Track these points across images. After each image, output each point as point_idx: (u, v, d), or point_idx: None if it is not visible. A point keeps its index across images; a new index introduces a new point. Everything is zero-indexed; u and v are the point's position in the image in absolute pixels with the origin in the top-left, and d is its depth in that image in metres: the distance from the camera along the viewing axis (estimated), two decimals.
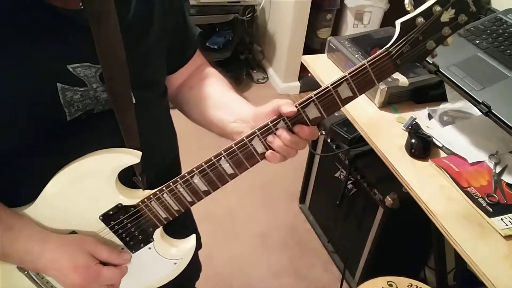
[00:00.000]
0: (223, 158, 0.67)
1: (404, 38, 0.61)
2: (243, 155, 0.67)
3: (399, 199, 1.42)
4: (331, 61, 1.48)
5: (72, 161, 0.65)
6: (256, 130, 0.66)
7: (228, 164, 0.67)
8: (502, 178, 1.06)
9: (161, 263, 0.77)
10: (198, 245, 0.86)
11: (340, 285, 1.79)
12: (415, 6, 0.62)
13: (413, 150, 1.12)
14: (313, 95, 0.63)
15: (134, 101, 0.70)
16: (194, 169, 0.67)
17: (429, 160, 1.11)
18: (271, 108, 0.67)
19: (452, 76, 1.07)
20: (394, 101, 1.29)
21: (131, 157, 0.67)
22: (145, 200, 0.70)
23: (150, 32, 0.71)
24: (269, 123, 0.65)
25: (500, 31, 1.17)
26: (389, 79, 1.26)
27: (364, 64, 0.62)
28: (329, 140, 1.74)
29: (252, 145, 0.67)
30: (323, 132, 1.77)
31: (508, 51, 1.11)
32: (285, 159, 0.70)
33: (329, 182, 1.84)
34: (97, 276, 0.68)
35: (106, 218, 0.70)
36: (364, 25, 2.87)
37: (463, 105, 1.25)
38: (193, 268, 1.10)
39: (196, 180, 0.68)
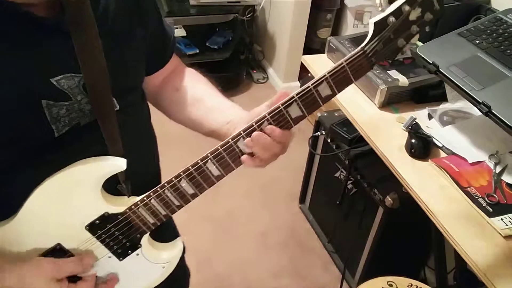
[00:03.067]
0: (209, 160, 0.67)
1: (378, 37, 0.64)
2: (230, 157, 0.68)
3: (399, 199, 1.42)
4: (331, 61, 1.48)
5: (56, 172, 0.64)
6: (241, 132, 0.66)
7: (214, 167, 0.68)
8: (502, 178, 1.06)
9: (149, 268, 0.77)
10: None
11: (340, 285, 1.79)
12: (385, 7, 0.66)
13: (413, 150, 1.12)
14: (295, 95, 0.66)
15: (117, 107, 0.70)
16: (181, 173, 0.67)
17: (429, 160, 1.11)
18: (264, 107, 0.68)
19: (452, 76, 1.07)
20: (394, 101, 1.29)
21: (116, 164, 0.66)
22: (133, 207, 0.70)
23: (130, 37, 0.71)
24: (253, 123, 0.66)
25: (500, 31, 1.16)
26: (389, 79, 1.26)
27: (342, 63, 0.64)
28: (329, 140, 1.74)
29: (238, 146, 0.67)
30: (323, 132, 1.78)
31: (508, 51, 1.11)
32: (262, 163, 0.70)
33: (329, 182, 1.84)
34: None
35: (93, 227, 0.69)
36: (364, 25, 2.86)
37: (463, 105, 1.26)
38: (180, 273, 1.08)
39: (184, 184, 0.68)
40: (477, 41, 1.15)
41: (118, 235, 0.71)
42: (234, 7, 2.79)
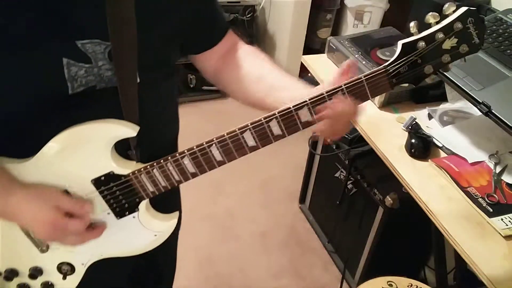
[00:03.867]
0: (214, 145, 0.69)
1: (404, 59, 0.63)
2: (234, 146, 0.69)
3: (399, 199, 1.42)
4: (331, 61, 1.48)
5: (73, 125, 0.67)
6: (249, 124, 0.67)
7: (218, 152, 0.70)
8: (502, 178, 1.06)
9: (142, 232, 0.80)
10: (178, 223, 0.89)
11: (340, 285, 1.79)
12: (420, 30, 0.64)
13: (413, 150, 1.12)
14: (307, 99, 0.65)
15: (138, 80, 0.71)
16: (186, 151, 0.70)
17: (429, 160, 1.11)
18: (327, 83, 0.67)
19: (452, 76, 1.07)
20: (394, 101, 1.29)
21: (128, 129, 0.69)
22: (136, 172, 0.73)
23: (167, 15, 0.72)
24: (262, 119, 0.67)
25: (500, 31, 1.16)
26: None
27: (361, 78, 0.64)
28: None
29: (243, 137, 0.68)
30: None
31: (508, 51, 1.11)
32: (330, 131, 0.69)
33: (329, 182, 1.84)
34: (64, 229, 0.70)
35: (98, 182, 0.73)
36: (364, 25, 2.87)
37: (463, 105, 1.26)
38: (168, 262, 1.14)
39: (186, 161, 0.71)
40: None
41: (118, 195, 0.75)
42: (234, 7, 2.79)
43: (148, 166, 0.72)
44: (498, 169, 1.07)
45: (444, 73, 1.08)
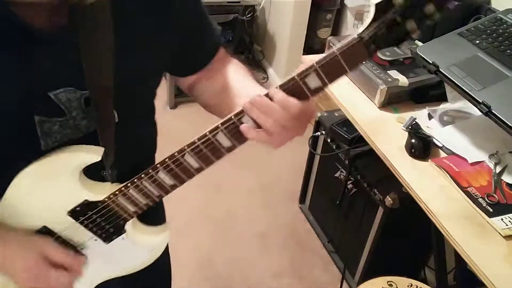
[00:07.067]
0: (187, 153, 0.63)
1: (379, 21, 0.54)
2: (209, 150, 0.63)
3: (399, 199, 1.42)
4: None
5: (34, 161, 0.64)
6: (219, 125, 0.61)
7: (193, 159, 0.64)
8: (502, 178, 1.06)
9: (136, 250, 0.78)
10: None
11: (340, 285, 1.79)
12: None
13: (413, 150, 1.12)
14: (278, 87, 0.58)
15: (117, 119, 0.67)
16: (158, 165, 0.66)
17: (429, 160, 1.11)
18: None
19: (452, 76, 1.07)
20: (394, 101, 1.29)
21: (91, 155, 0.65)
22: (111, 196, 0.69)
23: (151, 50, 0.67)
24: (232, 117, 0.60)
25: (500, 31, 1.16)
26: (389, 79, 1.26)
27: (334, 52, 0.56)
28: (329, 140, 1.74)
29: (217, 140, 0.62)
30: (323, 132, 1.77)
31: (508, 51, 1.11)
32: (269, 138, 0.61)
33: (329, 182, 1.84)
34: (47, 278, 0.67)
35: (74, 213, 0.69)
36: None
37: (463, 105, 1.25)
38: (162, 271, 1.09)
39: (162, 175, 0.66)
40: (477, 41, 1.15)
41: (100, 221, 0.71)
42: (234, 7, 2.79)
43: (123, 188, 0.68)
44: (498, 169, 1.07)
45: (444, 72, 1.08)
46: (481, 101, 1.00)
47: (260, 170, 2.37)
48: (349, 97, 1.33)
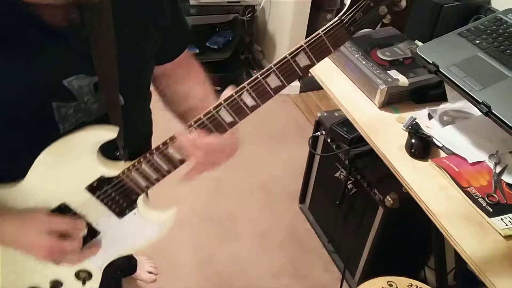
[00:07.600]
0: (193, 130, 0.71)
1: (356, 6, 0.64)
2: (213, 126, 0.71)
3: (399, 199, 1.42)
4: (331, 61, 1.48)
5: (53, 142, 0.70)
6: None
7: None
8: (502, 178, 1.06)
9: (146, 226, 0.84)
10: None
11: (340, 285, 1.79)
12: None
13: (413, 150, 1.12)
14: (272, 66, 0.71)
15: (122, 102, 0.75)
16: (168, 140, 0.72)
17: (429, 160, 1.11)
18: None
19: (452, 76, 1.07)
20: (394, 101, 1.29)
21: (107, 132, 0.72)
22: (125, 171, 0.75)
23: (145, 37, 0.75)
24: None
25: (500, 31, 1.16)
26: (389, 79, 1.26)
27: (319, 33, 0.66)
28: (329, 140, 1.74)
29: (220, 115, 0.70)
30: (323, 132, 1.78)
31: (508, 51, 1.11)
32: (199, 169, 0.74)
33: (329, 182, 1.84)
34: (62, 251, 0.73)
35: (92, 189, 0.75)
36: None
37: (463, 105, 1.25)
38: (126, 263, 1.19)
39: (171, 150, 0.73)
40: (477, 41, 1.15)
41: (115, 195, 0.78)
42: (234, 7, 2.79)
43: (136, 163, 0.75)
44: (498, 169, 1.07)
45: (444, 72, 1.08)
46: (481, 101, 1.00)
47: (260, 170, 2.37)
48: (349, 97, 1.33)
